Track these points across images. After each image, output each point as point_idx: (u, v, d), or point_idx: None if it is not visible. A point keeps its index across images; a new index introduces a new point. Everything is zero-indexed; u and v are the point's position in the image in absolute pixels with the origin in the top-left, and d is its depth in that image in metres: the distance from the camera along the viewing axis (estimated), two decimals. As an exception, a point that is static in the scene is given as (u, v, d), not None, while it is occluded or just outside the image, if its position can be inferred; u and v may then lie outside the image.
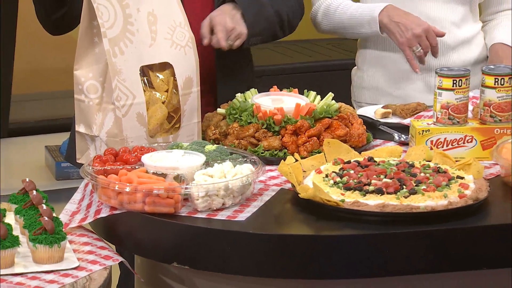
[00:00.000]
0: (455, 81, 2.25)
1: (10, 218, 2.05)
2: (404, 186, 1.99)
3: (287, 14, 2.56)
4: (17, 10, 4.11)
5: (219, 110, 2.37)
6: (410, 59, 2.60)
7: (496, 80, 2.26)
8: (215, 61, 2.55)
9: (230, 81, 2.56)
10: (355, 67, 2.87)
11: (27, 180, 2.10)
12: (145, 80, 2.22)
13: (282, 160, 2.11)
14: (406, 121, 2.46)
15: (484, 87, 2.28)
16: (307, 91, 2.42)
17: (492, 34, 2.83)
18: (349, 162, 2.13)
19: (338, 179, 2.04)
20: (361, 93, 2.82)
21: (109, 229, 2.03)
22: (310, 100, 2.37)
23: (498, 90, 2.26)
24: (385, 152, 2.21)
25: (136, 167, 2.05)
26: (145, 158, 2.05)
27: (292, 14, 2.59)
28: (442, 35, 2.61)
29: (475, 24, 2.80)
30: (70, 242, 1.97)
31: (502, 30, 2.82)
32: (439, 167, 2.10)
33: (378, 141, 2.40)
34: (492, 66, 2.31)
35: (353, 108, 2.47)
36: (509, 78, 2.26)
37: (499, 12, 2.85)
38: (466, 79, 2.26)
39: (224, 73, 2.57)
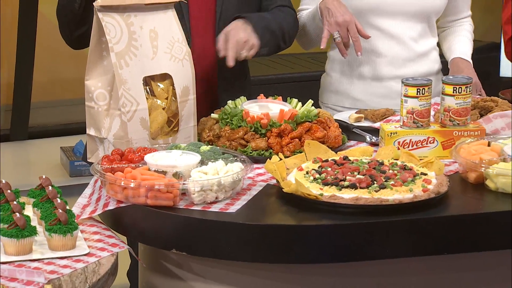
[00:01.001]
0: (419, 90, 2.25)
1: (28, 211, 2.04)
2: (375, 182, 1.99)
3: (287, 28, 2.56)
4: (36, 28, 4.10)
5: (212, 115, 2.36)
6: (323, 38, 2.52)
7: (455, 88, 2.26)
8: (218, 76, 2.53)
9: (231, 94, 2.53)
10: (325, 73, 2.85)
11: (44, 177, 2.09)
12: (148, 89, 2.21)
13: (268, 159, 2.11)
14: (376, 125, 2.46)
15: (444, 94, 2.28)
16: (290, 99, 2.42)
17: (451, 47, 2.81)
18: (326, 160, 2.12)
19: (317, 175, 2.03)
20: (328, 96, 2.80)
21: (116, 220, 2.01)
22: (292, 106, 2.37)
23: (456, 98, 2.26)
24: (358, 151, 2.21)
25: (140, 165, 2.04)
26: (148, 158, 2.04)
27: (291, 29, 2.59)
28: (365, 37, 2.55)
29: (432, 39, 2.78)
30: (82, 231, 1.96)
31: (460, 45, 2.81)
32: (405, 165, 2.09)
33: (352, 142, 2.40)
34: (451, 77, 2.31)
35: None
36: (465, 87, 2.26)
37: (456, 21, 2.84)
38: (428, 87, 2.26)
39: (225, 87, 2.55)
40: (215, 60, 2.50)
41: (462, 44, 2.80)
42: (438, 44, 2.83)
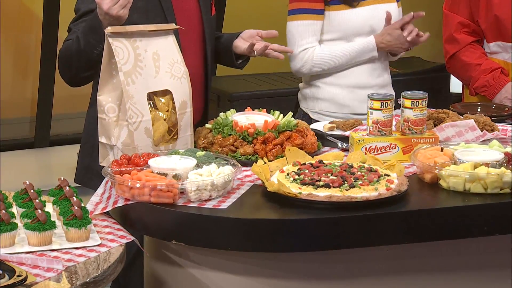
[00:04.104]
0: (382, 103, 2.24)
1: (49, 208, 2.01)
2: (345, 182, 1.97)
3: None
4: (56, 50, 4.07)
5: (207, 125, 2.35)
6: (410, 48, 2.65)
7: (413, 102, 2.25)
8: (207, 91, 2.52)
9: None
10: (302, 83, 2.77)
11: (62, 178, 2.07)
12: (151, 103, 2.19)
13: (254, 162, 2.09)
14: (346, 133, 2.45)
15: (404, 107, 2.27)
16: (273, 111, 2.40)
17: None
18: (304, 164, 2.11)
19: (296, 176, 2.01)
20: (315, 103, 2.72)
21: (124, 215, 1.99)
22: (275, 117, 2.35)
23: (414, 110, 2.25)
24: (331, 156, 2.20)
25: (144, 168, 2.02)
26: (151, 162, 2.02)
27: None
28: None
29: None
30: (94, 225, 1.94)
31: None
32: (371, 167, 2.08)
33: (326, 148, 2.38)
34: (409, 92, 2.29)
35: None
36: (422, 101, 2.25)
37: None
38: (390, 101, 2.25)
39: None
40: (204, 79, 2.49)
41: None
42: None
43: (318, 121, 2.66)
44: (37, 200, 1.93)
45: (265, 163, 2.10)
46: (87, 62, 2.25)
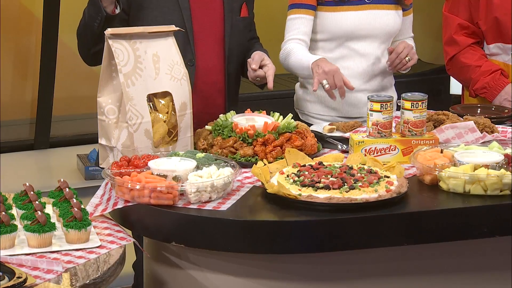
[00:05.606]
0: (382, 105, 2.24)
1: (49, 209, 2.01)
2: (345, 183, 1.98)
3: None
4: (56, 52, 4.08)
5: (206, 126, 2.35)
6: (315, 83, 2.47)
7: (413, 104, 2.25)
8: (225, 91, 2.53)
9: (234, 106, 2.56)
10: (298, 83, 2.78)
11: (62, 180, 2.07)
12: (151, 105, 2.19)
13: (254, 164, 2.10)
14: (346, 135, 2.45)
15: (404, 109, 2.27)
16: (273, 113, 2.40)
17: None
18: (304, 165, 2.11)
19: (296, 178, 2.02)
20: (304, 104, 2.72)
21: (124, 217, 1.99)
22: (274, 119, 2.36)
23: (414, 112, 2.25)
24: (331, 158, 2.20)
25: (144, 170, 2.02)
26: (151, 163, 2.02)
27: None
28: (350, 87, 2.47)
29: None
30: (94, 227, 1.94)
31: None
32: (371, 169, 2.08)
33: (326, 150, 2.38)
34: (409, 94, 2.30)
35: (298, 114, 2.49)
36: (422, 102, 2.26)
37: (400, 40, 2.80)
38: (390, 103, 2.25)
39: (232, 101, 2.58)
40: (222, 79, 2.50)
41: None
42: None
43: (306, 122, 2.67)
44: (37, 202, 1.93)
45: (265, 164, 2.10)
46: (92, 35, 2.35)
